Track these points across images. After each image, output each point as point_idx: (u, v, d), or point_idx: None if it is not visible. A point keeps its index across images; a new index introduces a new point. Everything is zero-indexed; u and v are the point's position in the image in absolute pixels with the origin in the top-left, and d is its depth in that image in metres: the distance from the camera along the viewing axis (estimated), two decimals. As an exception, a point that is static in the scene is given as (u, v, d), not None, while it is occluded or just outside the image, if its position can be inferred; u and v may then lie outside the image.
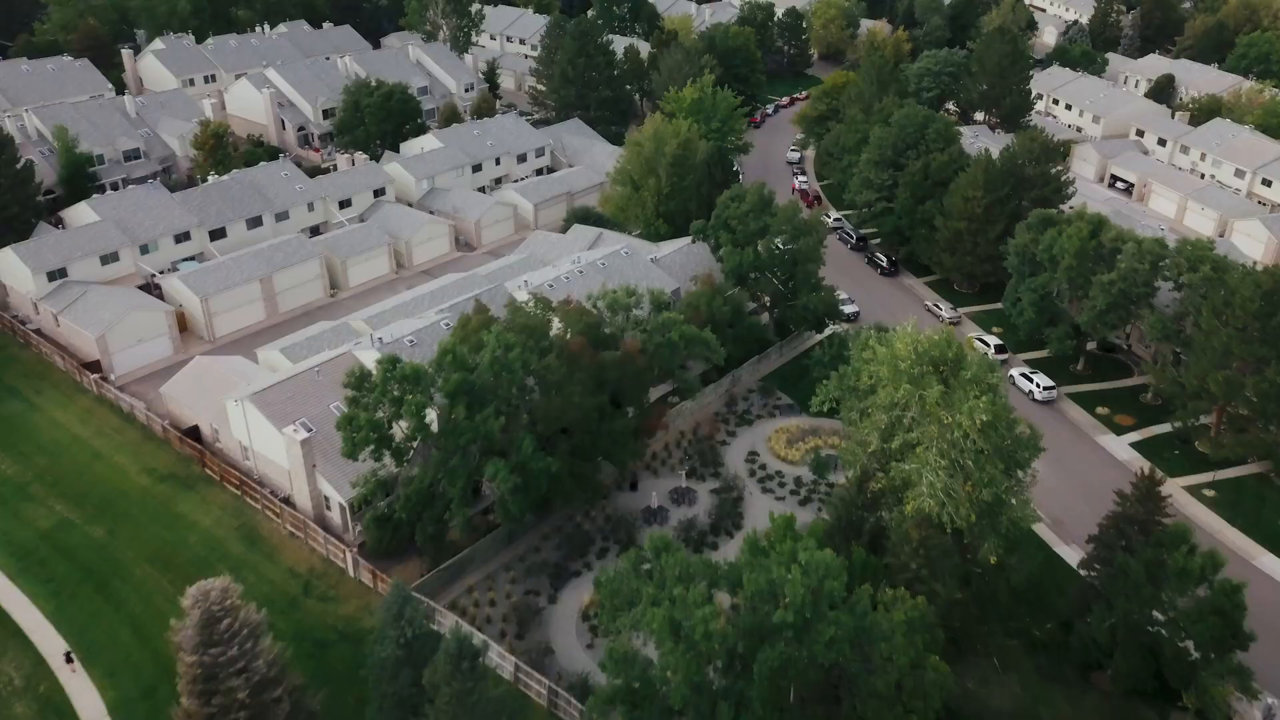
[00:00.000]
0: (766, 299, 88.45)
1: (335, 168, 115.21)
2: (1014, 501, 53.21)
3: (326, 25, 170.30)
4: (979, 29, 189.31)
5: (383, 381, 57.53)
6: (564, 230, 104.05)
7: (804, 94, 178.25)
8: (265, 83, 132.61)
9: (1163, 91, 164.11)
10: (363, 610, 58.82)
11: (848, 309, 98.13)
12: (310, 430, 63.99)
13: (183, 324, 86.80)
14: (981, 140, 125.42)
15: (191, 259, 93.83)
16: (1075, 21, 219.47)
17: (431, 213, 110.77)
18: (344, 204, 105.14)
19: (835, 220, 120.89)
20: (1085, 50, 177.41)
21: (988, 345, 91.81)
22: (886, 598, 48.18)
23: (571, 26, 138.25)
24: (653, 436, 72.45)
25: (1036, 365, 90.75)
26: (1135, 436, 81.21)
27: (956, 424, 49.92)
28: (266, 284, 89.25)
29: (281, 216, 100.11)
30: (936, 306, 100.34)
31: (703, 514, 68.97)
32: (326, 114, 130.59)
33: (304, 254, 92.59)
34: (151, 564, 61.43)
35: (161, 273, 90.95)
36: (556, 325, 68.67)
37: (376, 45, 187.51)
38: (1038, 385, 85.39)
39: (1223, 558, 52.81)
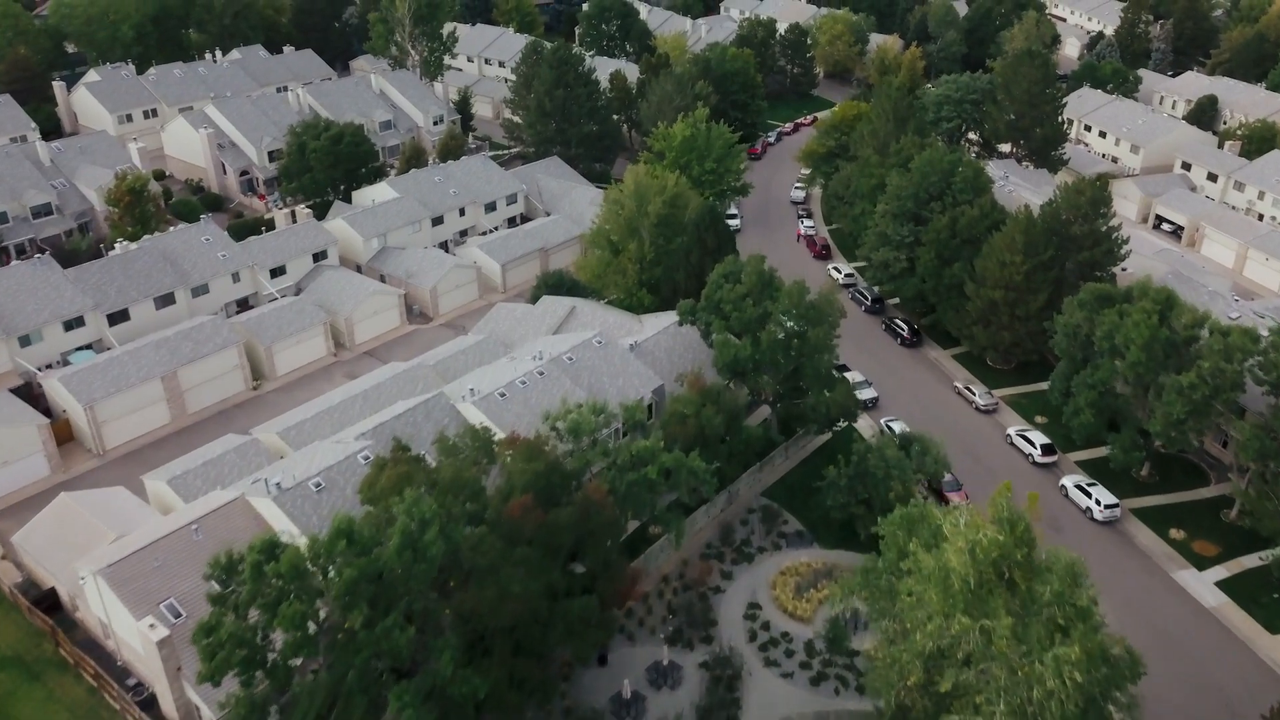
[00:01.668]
0: (767, 395, 73.71)
1: (269, 226, 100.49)
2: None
3: (287, 49, 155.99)
4: (999, 45, 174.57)
5: (253, 579, 42.91)
6: (534, 298, 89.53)
7: (809, 118, 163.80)
8: (204, 120, 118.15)
9: (1204, 114, 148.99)
10: None
11: (864, 393, 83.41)
12: (178, 617, 49.54)
13: (68, 434, 72.42)
14: (1012, 181, 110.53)
15: (88, 347, 79.34)
16: (1100, 33, 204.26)
17: (382, 277, 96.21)
18: (277, 271, 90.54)
19: (847, 276, 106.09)
20: (1116, 67, 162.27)
21: (1033, 445, 77.05)
22: None
23: (548, 53, 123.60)
24: (626, 605, 57.66)
25: (1092, 467, 75.96)
26: (1221, 572, 66.21)
27: (1036, 676, 35.13)
28: (170, 382, 74.70)
29: (200, 291, 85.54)
30: (969, 390, 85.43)
31: (689, 704, 54.27)
32: (273, 156, 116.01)
33: (219, 341, 77.99)
34: (-39, 807, 47.01)
35: (48, 367, 76.58)
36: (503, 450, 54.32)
37: (346, 69, 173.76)
38: (1097, 502, 70.48)
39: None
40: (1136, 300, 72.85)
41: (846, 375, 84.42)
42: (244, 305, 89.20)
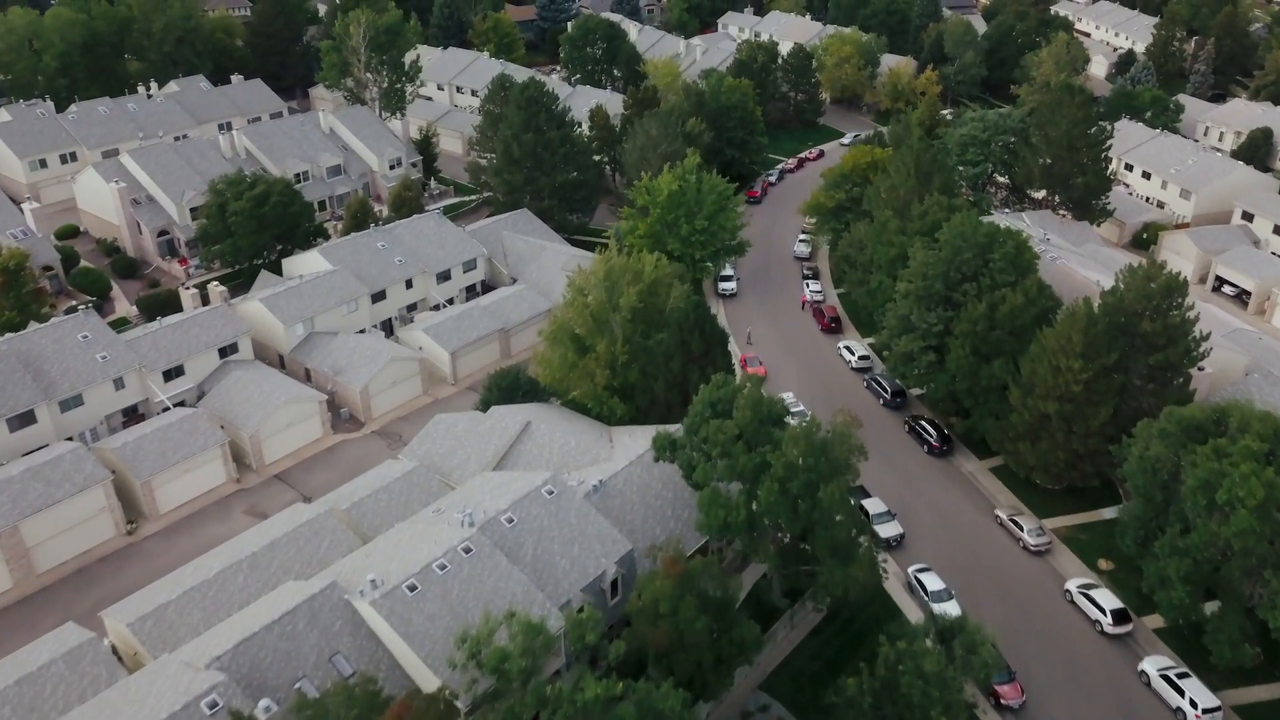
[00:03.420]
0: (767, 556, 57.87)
1: (166, 311, 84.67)
2: None
3: (236, 79, 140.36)
4: (1024, 70, 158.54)
5: None
6: (485, 401, 73.95)
7: (815, 152, 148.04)
8: (119, 171, 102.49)
9: (1257, 150, 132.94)
10: None
11: (887, 529, 67.76)
12: None
13: (-127, 610, 56.91)
14: (1054, 246, 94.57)
15: (-81, 485, 63.68)
16: (1129, 51, 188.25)
17: (306, 372, 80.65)
18: (173, 373, 74.87)
19: (861, 359, 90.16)
20: (1155, 94, 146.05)
21: (1102, 611, 61.00)
22: None
23: (516, 91, 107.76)
24: None
25: (1177, 639, 60.00)
26: (1366, 814, 50.36)
27: None
28: (10, 538, 59.11)
29: (71, 403, 69.83)
30: (1014, 521, 69.43)
31: None
32: (196, 213, 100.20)
33: (79, 479, 62.38)
34: None
35: None
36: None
37: (305, 97, 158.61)
38: (1193, 704, 54.39)
39: None
40: (1235, 432, 57.18)
41: (865, 504, 68.92)
42: (131, 416, 73.53)
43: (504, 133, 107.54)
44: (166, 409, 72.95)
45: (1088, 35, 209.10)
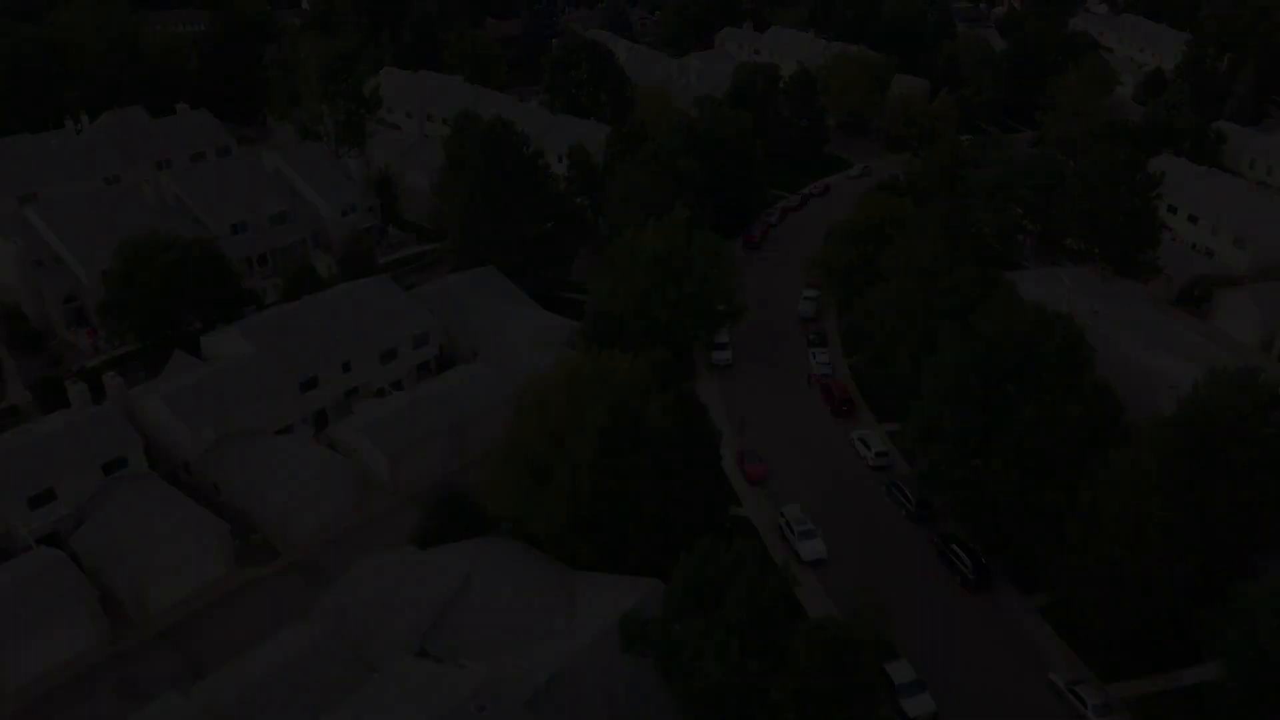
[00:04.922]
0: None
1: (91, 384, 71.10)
2: None
3: (181, 108, 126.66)
4: (1049, 94, 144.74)
5: None
6: (422, 533, 60.47)
7: (820, 186, 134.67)
8: (20, 226, 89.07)
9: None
10: None
11: (914, 703, 54.46)
12: None
13: None
14: (1102, 320, 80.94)
15: None
16: (1157, 69, 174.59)
17: (215, 487, 67.24)
18: (41, 499, 61.44)
19: (879, 455, 76.46)
20: (1196, 122, 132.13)
21: (1199, 839, 47.64)
22: None
23: (481, 133, 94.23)
24: None
25: None
26: None
27: None
28: None
29: (-96, 545, 56.55)
30: (1073, 692, 55.84)
31: None
32: (107, 277, 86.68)
33: (-110, 665, 49.10)
34: None
35: None
36: None
37: (264, 124, 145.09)
38: None
39: None
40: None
41: (889, 670, 55.52)
42: (-11, 552, 60.19)
43: (467, 179, 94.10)
44: (29, 547, 59.43)
45: (1110, 50, 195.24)
